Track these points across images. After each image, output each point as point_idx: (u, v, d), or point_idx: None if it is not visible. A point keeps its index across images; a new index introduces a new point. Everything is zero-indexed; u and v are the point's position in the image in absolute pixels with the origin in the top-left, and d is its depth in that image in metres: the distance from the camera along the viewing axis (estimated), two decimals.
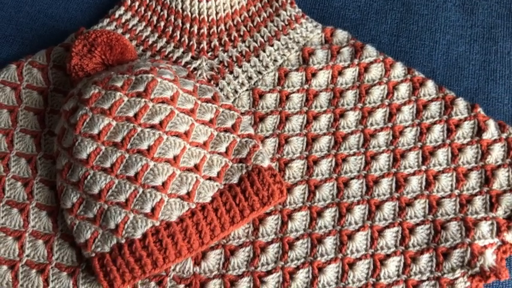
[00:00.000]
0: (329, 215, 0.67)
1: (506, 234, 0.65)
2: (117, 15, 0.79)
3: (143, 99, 0.64)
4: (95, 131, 0.63)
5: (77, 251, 0.66)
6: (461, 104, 0.74)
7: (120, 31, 0.78)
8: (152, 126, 0.63)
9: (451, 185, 0.69)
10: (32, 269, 0.65)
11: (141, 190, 0.62)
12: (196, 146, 0.66)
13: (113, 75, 0.66)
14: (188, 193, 0.64)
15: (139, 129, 0.63)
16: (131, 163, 0.62)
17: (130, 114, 0.63)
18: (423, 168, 0.70)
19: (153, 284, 0.64)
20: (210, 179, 0.66)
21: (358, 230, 0.66)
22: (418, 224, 0.67)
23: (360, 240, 0.66)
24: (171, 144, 0.63)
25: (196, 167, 0.65)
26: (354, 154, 0.71)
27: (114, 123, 0.63)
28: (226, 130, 0.69)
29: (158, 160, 0.63)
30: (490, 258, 0.64)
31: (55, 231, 0.67)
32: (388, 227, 0.67)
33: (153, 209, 0.62)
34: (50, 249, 0.66)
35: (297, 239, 0.66)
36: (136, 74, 0.65)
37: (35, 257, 0.66)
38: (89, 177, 0.63)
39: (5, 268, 0.65)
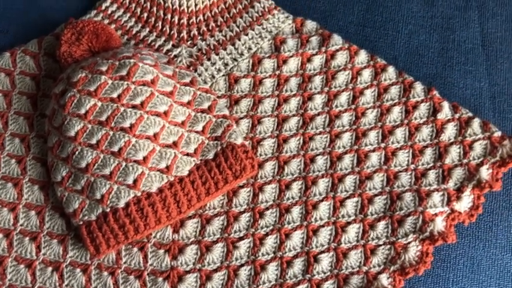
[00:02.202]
0: (296, 187, 0.74)
1: (455, 203, 0.73)
2: (103, 7, 0.85)
3: (126, 82, 0.70)
4: (82, 111, 0.70)
5: (66, 221, 0.72)
6: (418, 87, 0.80)
7: (106, 22, 0.84)
8: (134, 106, 0.70)
9: (408, 160, 0.76)
10: (26, 237, 0.71)
11: (124, 164, 0.69)
12: (175, 125, 0.72)
13: (99, 60, 0.72)
14: (167, 167, 0.70)
15: (122, 109, 0.70)
16: (115, 139, 0.69)
17: (114, 95, 0.70)
18: (382, 145, 0.77)
19: (135, 249, 0.70)
20: (187, 154, 0.72)
21: (322, 200, 0.73)
22: (376, 195, 0.74)
23: (324, 209, 0.73)
24: (151, 123, 0.70)
25: (175, 144, 0.71)
26: (320, 133, 0.78)
27: (99, 103, 0.70)
28: (202, 111, 0.75)
29: (139, 137, 0.69)
30: (439, 225, 0.71)
31: (46, 203, 0.73)
32: (349, 197, 0.74)
33: (135, 181, 0.69)
34: (42, 219, 0.72)
35: (267, 208, 0.73)
36: (119, 59, 0.72)
37: (28, 226, 0.72)
38: (77, 152, 0.70)
39: (1, 236, 0.71)
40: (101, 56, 0.74)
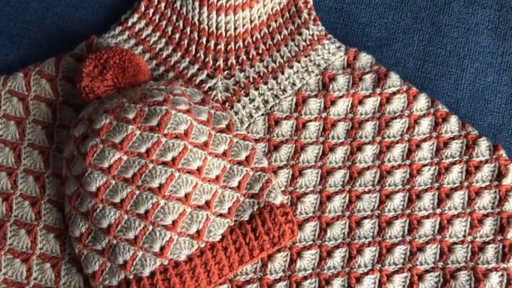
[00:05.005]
0: (339, 255, 0.67)
1: None
2: (130, 23, 0.75)
3: (156, 134, 0.61)
4: (105, 165, 0.61)
5: (84, 277, 0.66)
6: (483, 144, 0.71)
7: (132, 41, 0.74)
8: (164, 163, 0.61)
9: (465, 231, 0.68)
10: None
11: (150, 228, 0.61)
12: (209, 181, 0.64)
13: (125, 104, 0.63)
14: (198, 231, 0.63)
15: (151, 165, 0.61)
16: (141, 200, 0.61)
17: (142, 149, 0.61)
18: (438, 211, 0.69)
19: None
20: (220, 215, 0.65)
21: (367, 273, 0.66)
22: (427, 271, 0.66)
23: (368, 284, 0.66)
24: (182, 182, 0.62)
25: (207, 204, 0.64)
26: (369, 192, 0.69)
27: (125, 157, 0.61)
28: (239, 163, 0.67)
29: (169, 198, 0.61)
30: None
31: (63, 254, 0.66)
32: (397, 272, 0.66)
33: (162, 248, 0.61)
34: (58, 273, 0.66)
35: (305, 278, 0.66)
36: (149, 104, 0.63)
37: (42, 280, 0.66)
38: (98, 210, 0.62)
39: None
40: (127, 96, 0.65)
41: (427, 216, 0.68)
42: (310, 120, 0.72)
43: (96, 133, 0.62)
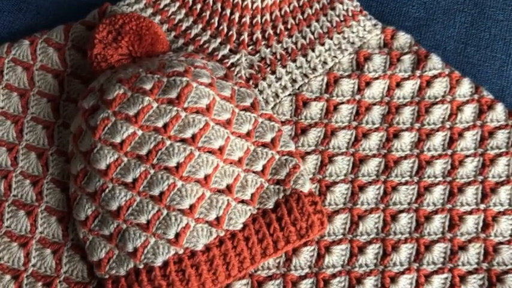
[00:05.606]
0: (372, 252, 0.60)
1: None
2: None
3: (175, 108, 0.55)
4: (117, 140, 0.55)
5: (88, 266, 0.59)
6: None
7: (150, 11, 0.68)
8: (183, 140, 0.55)
9: None
10: (38, 282, 0.58)
11: (165, 212, 0.55)
12: (230, 164, 0.58)
13: (141, 73, 0.57)
14: (217, 218, 0.56)
15: (168, 142, 0.55)
16: (156, 180, 0.55)
17: (159, 124, 0.55)
18: (482, 207, 0.62)
19: None
20: (242, 202, 0.58)
21: (402, 273, 0.59)
22: (470, 273, 0.60)
23: (404, 285, 0.59)
24: (202, 162, 0.55)
25: (229, 188, 0.57)
26: (406, 183, 0.63)
27: (139, 132, 0.55)
28: (264, 145, 0.60)
29: (187, 180, 0.55)
30: None
31: (65, 240, 0.60)
32: (436, 272, 0.60)
33: (177, 235, 0.55)
34: (59, 261, 0.59)
35: (334, 276, 0.59)
36: (168, 75, 0.56)
37: (41, 267, 0.59)
38: (107, 190, 0.56)
39: (8, 278, 0.59)
40: (144, 65, 0.59)
41: (470, 212, 0.62)
42: (342, 103, 0.65)
43: (107, 104, 0.56)
